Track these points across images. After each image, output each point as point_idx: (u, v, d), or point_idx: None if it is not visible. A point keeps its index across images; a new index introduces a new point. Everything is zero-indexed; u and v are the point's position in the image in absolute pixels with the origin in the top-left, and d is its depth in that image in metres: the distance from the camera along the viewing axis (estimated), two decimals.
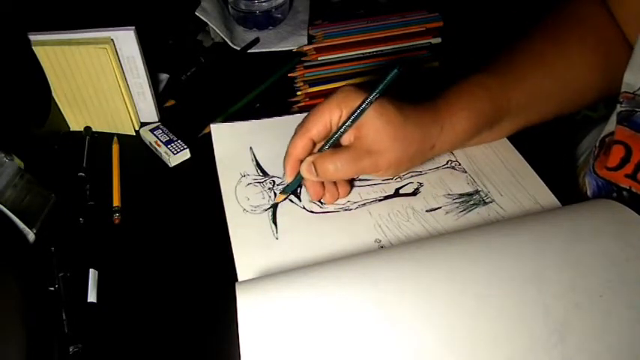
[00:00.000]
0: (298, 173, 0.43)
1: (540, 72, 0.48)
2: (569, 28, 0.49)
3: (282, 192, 0.46)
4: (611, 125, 0.45)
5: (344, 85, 0.43)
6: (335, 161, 0.41)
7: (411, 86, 0.48)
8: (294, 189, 0.46)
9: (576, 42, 0.48)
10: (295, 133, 0.43)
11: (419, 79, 0.63)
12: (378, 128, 0.41)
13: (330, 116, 0.41)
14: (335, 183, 0.45)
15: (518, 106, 0.47)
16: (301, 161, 0.43)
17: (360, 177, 0.48)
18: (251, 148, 0.51)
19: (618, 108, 0.44)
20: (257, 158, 0.50)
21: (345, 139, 0.43)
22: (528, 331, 0.30)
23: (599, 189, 0.45)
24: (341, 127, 0.41)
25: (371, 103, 0.40)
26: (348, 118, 0.41)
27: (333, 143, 0.42)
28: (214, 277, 0.41)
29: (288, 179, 0.44)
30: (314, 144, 0.43)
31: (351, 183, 0.47)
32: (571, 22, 0.49)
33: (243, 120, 0.54)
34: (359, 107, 0.40)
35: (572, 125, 0.76)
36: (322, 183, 0.45)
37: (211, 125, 0.53)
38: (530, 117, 0.49)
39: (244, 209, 0.46)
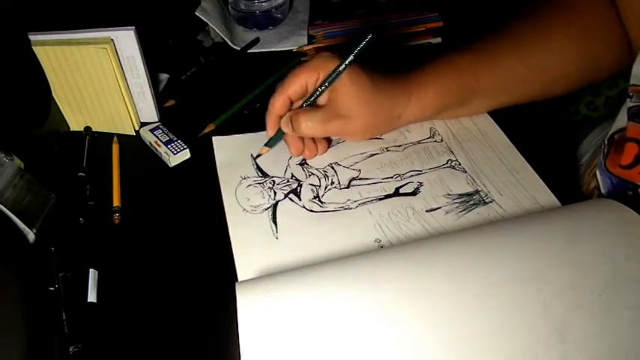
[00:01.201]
0: (279, 129, 0.48)
1: (515, 56, 0.48)
2: (556, 14, 0.49)
3: (266, 145, 0.49)
4: (621, 121, 0.44)
5: (322, 52, 0.46)
6: (307, 120, 0.45)
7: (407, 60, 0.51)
8: (276, 143, 0.49)
9: (560, 29, 0.48)
10: (275, 92, 0.47)
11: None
12: (349, 94, 0.45)
13: (307, 77, 0.46)
14: (314, 140, 0.49)
15: (488, 87, 0.49)
16: (280, 117, 0.47)
17: (360, 176, 0.48)
18: (252, 154, 0.51)
19: (628, 103, 0.43)
20: (257, 162, 0.50)
21: (321, 100, 0.47)
22: (528, 331, 0.30)
23: (614, 186, 0.45)
24: (318, 88, 0.45)
25: (347, 66, 0.44)
26: (325, 80, 0.44)
27: (310, 102, 0.47)
28: (214, 277, 0.41)
29: (270, 133, 0.48)
30: (291, 102, 0.47)
31: (329, 141, 0.51)
32: (558, 7, 0.49)
33: (242, 122, 0.55)
34: (335, 69, 0.44)
35: (573, 125, 0.76)
36: (302, 139, 0.49)
37: (213, 138, 0.53)
38: (501, 99, 0.50)
39: (244, 209, 0.46)
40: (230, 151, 0.52)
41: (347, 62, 0.43)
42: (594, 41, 0.48)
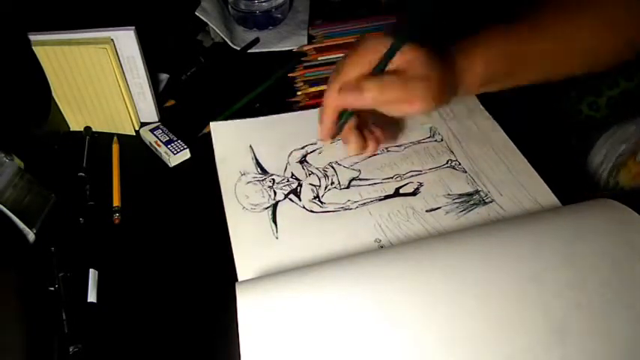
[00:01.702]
0: (343, 113, 0.44)
1: (561, 28, 0.47)
2: None
3: (337, 133, 0.45)
4: None
5: (366, 36, 0.43)
6: (384, 79, 0.42)
7: None
8: (340, 130, 0.46)
9: (604, 2, 0.47)
10: (331, 80, 0.44)
11: None
12: (422, 55, 0.42)
13: (367, 61, 0.42)
14: (372, 134, 0.46)
15: (534, 59, 0.48)
16: (338, 112, 0.44)
17: (360, 176, 0.48)
18: (251, 146, 0.51)
19: None
20: (257, 156, 0.50)
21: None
22: (528, 331, 0.30)
23: None
24: (385, 58, 0.42)
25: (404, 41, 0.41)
26: (389, 52, 0.41)
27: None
28: (214, 277, 0.41)
29: (325, 129, 0.45)
30: None
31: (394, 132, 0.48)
32: None
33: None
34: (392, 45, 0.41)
35: (574, 125, 0.76)
36: (363, 136, 0.45)
37: (211, 123, 0.53)
38: (546, 72, 0.49)
39: (244, 207, 0.46)
40: (228, 138, 0.52)
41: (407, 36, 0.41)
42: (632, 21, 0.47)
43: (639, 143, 0.54)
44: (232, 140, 0.52)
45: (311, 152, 0.51)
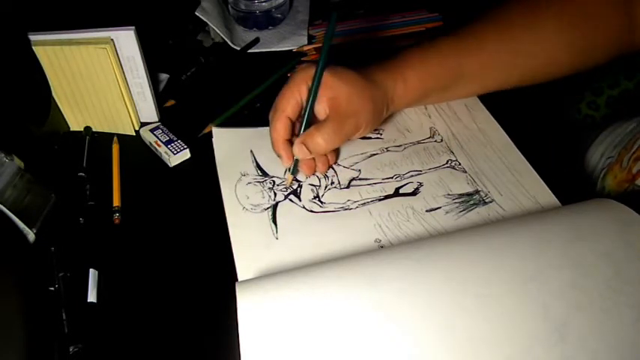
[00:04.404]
0: (295, 158, 0.46)
1: (500, 43, 0.48)
2: (548, 2, 0.48)
3: (292, 173, 0.48)
4: None
5: (302, 64, 0.45)
6: (322, 134, 0.44)
7: None
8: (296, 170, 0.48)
9: (551, 18, 0.47)
10: (272, 118, 0.46)
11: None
12: (348, 93, 0.44)
13: (298, 92, 0.45)
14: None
15: (471, 73, 0.49)
16: (288, 141, 0.46)
17: (360, 176, 0.48)
18: (252, 151, 0.51)
19: None
20: (257, 160, 0.50)
21: (321, 113, 0.46)
22: (528, 331, 0.30)
23: None
24: (310, 95, 0.44)
25: (325, 60, 0.44)
26: (314, 79, 0.44)
27: (309, 116, 0.45)
28: (214, 277, 0.41)
29: (285, 160, 0.47)
30: (292, 122, 0.46)
31: (337, 149, 0.50)
32: None
33: (243, 121, 0.55)
34: (316, 71, 0.44)
35: (574, 125, 0.76)
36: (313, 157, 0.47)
37: (213, 129, 0.53)
38: (486, 84, 0.51)
39: (244, 207, 0.46)
40: (230, 145, 0.52)
41: (324, 53, 0.43)
42: (589, 29, 0.47)
43: (628, 148, 0.53)
44: (233, 146, 0.52)
45: None
